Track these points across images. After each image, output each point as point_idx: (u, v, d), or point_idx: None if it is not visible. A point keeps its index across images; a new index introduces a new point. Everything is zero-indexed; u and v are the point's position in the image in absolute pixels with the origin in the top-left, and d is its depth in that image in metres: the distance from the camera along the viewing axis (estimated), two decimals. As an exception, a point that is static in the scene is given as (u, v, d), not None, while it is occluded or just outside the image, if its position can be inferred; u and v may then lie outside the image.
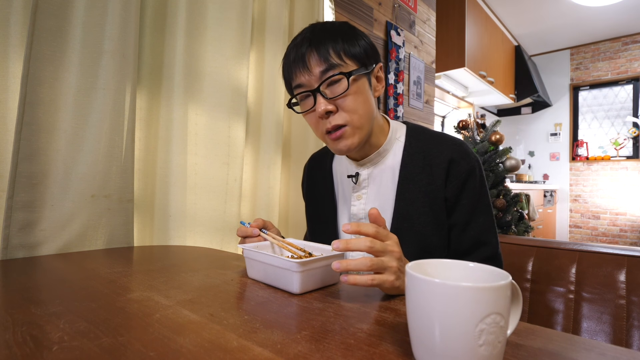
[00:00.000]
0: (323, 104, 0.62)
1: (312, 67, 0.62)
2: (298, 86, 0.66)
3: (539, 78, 4.63)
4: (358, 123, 0.65)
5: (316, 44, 0.62)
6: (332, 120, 0.64)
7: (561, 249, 0.86)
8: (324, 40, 0.63)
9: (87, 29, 0.83)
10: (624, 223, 4.24)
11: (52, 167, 0.79)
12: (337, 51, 0.62)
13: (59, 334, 0.35)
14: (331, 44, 0.62)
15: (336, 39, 0.63)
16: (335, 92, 0.63)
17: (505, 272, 0.30)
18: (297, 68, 0.64)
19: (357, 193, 0.75)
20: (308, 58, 0.62)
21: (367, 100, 0.66)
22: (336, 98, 0.62)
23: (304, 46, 0.63)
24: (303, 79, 0.64)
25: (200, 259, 0.72)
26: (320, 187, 0.83)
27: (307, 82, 0.64)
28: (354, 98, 0.63)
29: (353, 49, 0.63)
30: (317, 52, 0.62)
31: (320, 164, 0.85)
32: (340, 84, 0.63)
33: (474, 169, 0.67)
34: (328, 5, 1.58)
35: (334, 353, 0.31)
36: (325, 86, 0.63)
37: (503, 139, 2.26)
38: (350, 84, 0.62)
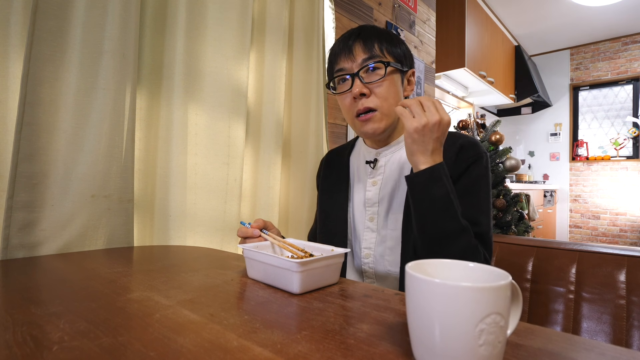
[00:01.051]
0: (359, 86, 0.71)
1: (356, 55, 0.72)
2: (339, 70, 0.74)
3: (539, 78, 4.63)
4: (387, 110, 0.73)
5: (364, 37, 0.72)
6: (365, 102, 0.72)
7: (561, 249, 0.86)
8: (371, 36, 0.73)
9: (87, 29, 0.83)
10: (624, 223, 4.24)
11: (52, 167, 0.79)
12: (380, 46, 0.72)
13: (59, 334, 0.35)
14: (377, 40, 0.72)
15: (381, 38, 0.73)
16: (371, 78, 0.72)
17: (505, 272, 0.30)
18: (342, 54, 0.73)
19: (372, 179, 0.80)
20: (354, 47, 0.72)
21: (397, 93, 0.74)
22: (372, 83, 0.71)
23: (352, 38, 0.73)
24: (346, 64, 0.73)
25: (200, 259, 0.72)
26: (335, 177, 0.89)
27: (348, 67, 0.73)
28: (387, 87, 0.72)
29: (395, 49, 0.74)
30: (364, 44, 0.72)
31: (338, 157, 0.92)
32: (378, 72, 0.72)
33: (481, 157, 0.71)
34: (328, 5, 1.58)
35: (334, 353, 0.31)
36: (364, 72, 0.72)
37: (503, 139, 2.25)
38: (387, 73, 0.71)
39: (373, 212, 0.78)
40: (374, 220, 0.78)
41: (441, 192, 0.60)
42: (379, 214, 0.77)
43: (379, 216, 0.77)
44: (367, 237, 0.78)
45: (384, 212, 0.77)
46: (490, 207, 0.71)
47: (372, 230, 0.78)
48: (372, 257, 0.77)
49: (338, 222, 0.83)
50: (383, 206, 0.77)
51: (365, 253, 0.78)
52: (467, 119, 2.51)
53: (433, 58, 2.55)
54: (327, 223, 0.86)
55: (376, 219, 0.77)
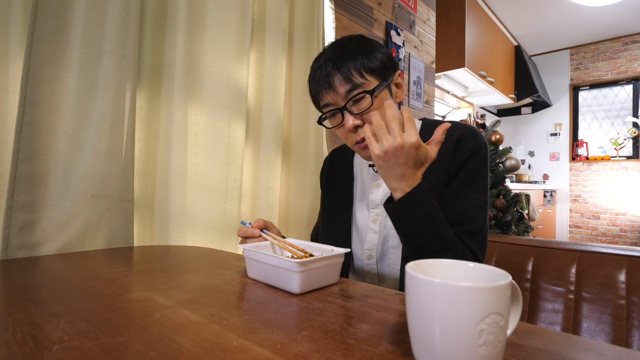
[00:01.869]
0: (351, 119, 0.69)
1: (337, 87, 0.68)
2: (326, 105, 0.72)
3: (539, 78, 4.63)
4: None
5: (338, 64, 0.68)
6: (361, 132, 0.69)
7: (561, 249, 0.86)
8: (344, 59, 0.68)
9: (87, 29, 0.83)
10: (624, 223, 4.24)
11: (52, 167, 0.79)
12: (357, 69, 0.68)
13: (59, 334, 0.35)
14: (352, 63, 0.68)
15: (355, 56, 0.68)
16: (360, 108, 0.69)
17: (505, 272, 0.30)
18: (323, 89, 0.70)
19: (376, 181, 0.80)
20: (332, 79, 0.68)
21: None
22: (362, 114, 0.69)
23: (327, 67, 0.69)
24: (330, 98, 0.70)
25: (200, 259, 0.72)
26: (340, 178, 0.88)
27: (333, 101, 0.70)
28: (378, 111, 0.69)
29: (372, 64, 0.69)
30: (340, 73, 0.68)
31: (342, 157, 0.91)
32: (365, 100, 0.68)
33: (479, 149, 0.70)
34: (328, 5, 1.58)
35: (334, 353, 0.31)
36: (351, 104, 0.69)
37: (503, 139, 2.25)
38: (374, 99, 0.68)
39: (377, 214, 0.78)
40: (377, 221, 0.78)
41: (420, 217, 0.59)
42: (382, 215, 0.78)
43: (382, 217, 0.78)
44: (370, 238, 0.78)
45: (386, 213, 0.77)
46: (487, 200, 0.70)
47: (375, 232, 0.78)
48: (374, 258, 0.78)
49: (341, 222, 0.83)
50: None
51: (368, 254, 0.78)
52: (467, 119, 2.50)
53: (433, 58, 2.55)
54: (330, 224, 0.86)
55: (379, 220, 0.78)
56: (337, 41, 0.73)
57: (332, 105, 0.70)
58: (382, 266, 0.77)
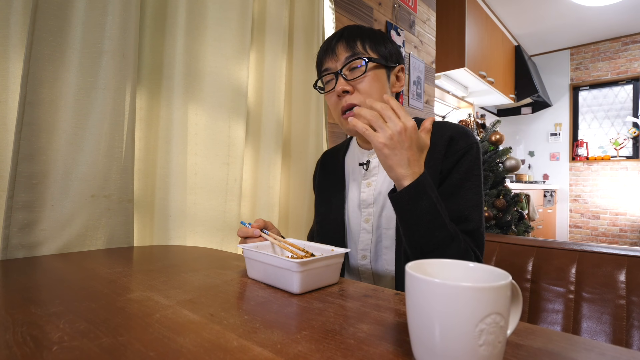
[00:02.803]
0: (341, 83, 0.71)
1: (339, 54, 0.72)
2: (325, 70, 0.75)
3: (539, 78, 4.63)
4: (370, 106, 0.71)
5: (346, 36, 0.73)
6: (348, 99, 0.72)
7: (561, 249, 0.86)
8: (353, 35, 0.73)
9: (87, 29, 0.83)
10: (624, 223, 4.24)
11: (52, 167, 0.79)
12: (363, 44, 0.72)
13: (59, 334, 0.35)
14: (359, 38, 0.73)
15: (364, 36, 0.73)
16: (354, 75, 0.71)
17: (505, 272, 0.30)
18: (327, 55, 0.74)
19: (367, 180, 0.80)
20: (337, 47, 0.73)
21: (381, 89, 0.73)
22: (354, 80, 0.71)
23: (335, 38, 0.74)
24: (330, 64, 0.74)
25: (200, 259, 0.72)
26: (331, 178, 0.88)
27: (332, 67, 0.74)
28: (369, 82, 0.71)
29: (379, 46, 0.73)
30: (346, 43, 0.72)
31: (333, 158, 0.91)
32: (360, 69, 0.71)
33: (472, 148, 0.70)
34: (328, 5, 1.58)
35: (334, 353, 0.31)
36: (347, 69, 0.72)
37: (503, 139, 2.25)
38: (368, 69, 0.71)
39: (369, 214, 0.78)
40: (369, 221, 0.77)
41: (427, 205, 0.57)
42: (374, 215, 0.77)
43: (374, 217, 0.77)
44: (363, 238, 0.78)
45: (379, 212, 0.76)
46: (482, 199, 0.70)
47: (368, 232, 0.77)
48: (368, 258, 0.77)
49: (334, 224, 0.82)
50: (378, 206, 0.76)
51: (362, 255, 0.78)
52: (467, 119, 2.50)
53: (433, 58, 2.55)
54: (324, 225, 0.85)
55: (372, 220, 0.77)
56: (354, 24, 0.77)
57: (330, 70, 0.74)
58: (377, 266, 0.76)
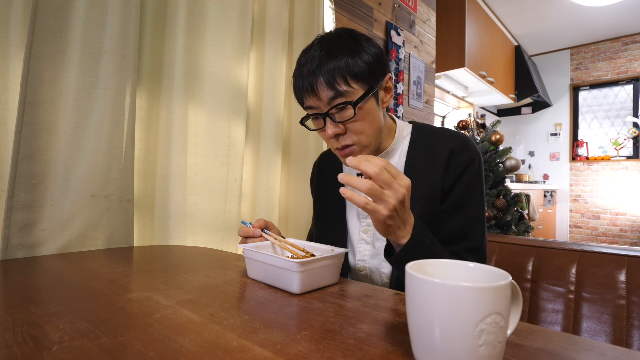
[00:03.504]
0: (331, 127, 0.66)
1: (320, 93, 0.64)
2: (309, 107, 0.68)
3: (539, 78, 4.63)
4: (366, 142, 0.68)
5: (323, 71, 0.63)
6: (342, 140, 0.67)
7: (561, 249, 0.86)
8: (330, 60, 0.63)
9: (87, 29, 0.83)
10: (624, 223, 4.24)
11: (52, 167, 0.79)
12: (343, 76, 0.63)
13: (59, 334, 0.35)
14: (337, 69, 0.63)
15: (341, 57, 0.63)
16: (343, 117, 0.65)
17: (505, 272, 0.30)
18: (306, 93, 0.66)
19: None
20: (316, 85, 0.64)
21: (374, 120, 0.68)
22: (344, 122, 0.66)
23: (311, 74, 0.64)
24: (313, 102, 0.66)
25: (200, 259, 0.72)
26: (330, 183, 0.85)
27: (316, 105, 0.66)
28: (360, 122, 0.66)
29: (358, 68, 0.64)
30: (324, 79, 0.63)
31: (330, 161, 0.88)
32: (347, 110, 0.65)
33: (473, 161, 0.68)
34: (328, 5, 1.58)
35: (334, 353, 0.31)
36: (334, 111, 0.65)
37: (503, 139, 2.25)
38: (356, 111, 0.64)
39: (368, 224, 0.76)
40: (368, 232, 0.76)
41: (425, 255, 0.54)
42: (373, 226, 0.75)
43: (373, 228, 0.75)
44: (361, 249, 0.76)
45: None
46: (484, 212, 0.69)
47: (367, 242, 0.76)
48: (367, 269, 0.75)
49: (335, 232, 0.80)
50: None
51: (360, 265, 0.76)
52: (467, 119, 2.50)
53: (433, 58, 2.55)
54: (324, 232, 0.83)
55: (371, 231, 0.75)
56: (325, 36, 0.68)
57: (315, 109, 0.67)
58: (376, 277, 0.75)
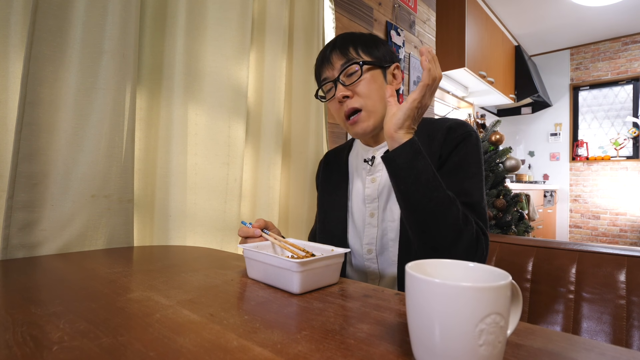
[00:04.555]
0: (341, 90, 0.74)
1: (334, 63, 0.75)
2: (324, 80, 0.78)
3: (539, 78, 4.63)
4: (372, 107, 0.74)
5: (339, 45, 0.76)
6: (349, 103, 0.74)
7: (561, 249, 0.86)
8: (346, 42, 0.76)
9: (87, 29, 0.83)
10: (624, 223, 4.24)
11: (52, 167, 0.79)
12: (356, 49, 0.75)
13: (59, 334, 0.35)
14: (352, 45, 0.75)
15: (356, 41, 0.76)
16: (351, 79, 0.74)
17: (505, 272, 0.30)
18: (323, 65, 0.77)
19: (371, 176, 0.81)
20: (332, 56, 0.76)
21: (380, 89, 0.75)
22: (352, 84, 0.73)
23: (329, 48, 0.77)
24: (327, 73, 0.77)
25: (200, 259, 0.72)
26: (335, 177, 0.90)
27: (330, 75, 0.77)
28: (367, 85, 0.73)
29: (370, 48, 0.76)
30: (339, 51, 0.75)
31: (336, 158, 0.93)
32: (356, 73, 0.73)
33: (470, 135, 0.72)
34: (328, 5, 1.58)
35: (334, 353, 0.31)
36: (344, 76, 0.74)
37: (503, 139, 2.25)
38: (364, 71, 0.73)
39: (373, 208, 0.79)
40: (374, 215, 0.79)
41: (424, 165, 0.59)
42: (379, 209, 0.78)
43: (379, 211, 0.78)
44: (368, 232, 0.79)
45: (383, 205, 0.78)
46: (482, 183, 0.70)
47: (373, 226, 0.78)
48: (374, 252, 0.78)
49: (337, 222, 0.84)
50: (382, 200, 0.78)
51: (368, 249, 0.79)
52: (467, 119, 2.50)
53: (433, 58, 2.55)
54: (327, 223, 0.86)
55: (376, 214, 0.78)
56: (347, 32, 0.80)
57: (329, 79, 0.77)
58: (382, 260, 0.77)
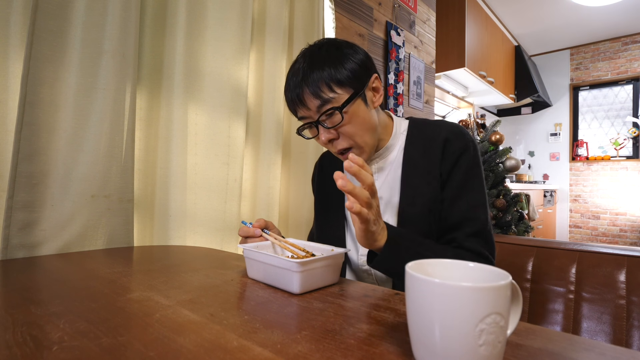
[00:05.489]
0: (324, 134, 0.69)
1: (308, 103, 0.67)
2: (302, 117, 0.72)
3: (539, 78, 4.63)
4: (361, 143, 0.70)
5: (308, 81, 0.66)
6: (337, 145, 0.70)
7: (561, 249, 0.86)
8: (313, 72, 0.66)
9: (87, 29, 0.83)
10: (624, 223, 4.24)
11: (52, 167, 0.79)
12: (327, 84, 0.66)
13: (59, 334, 0.35)
14: (321, 79, 0.65)
15: (323, 68, 0.66)
16: (333, 122, 0.68)
17: (505, 272, 0.30)
18: (296, 105, 0.70)
19: None
20: (303, 96, 0.67)
21: (364, 122, 0.70)
22: (335, 127, 0.68)
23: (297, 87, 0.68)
24: (304, 113, 0.70)
25: (200, 259, 0.72)
26: (330, 180, 0.87)
27: (307, 115, 0.70)
28: (351, 124, 0.68)
29: (340, 75, 0.66)
30: (310, 90, 0.66)
31: (331, 161, 0.90)
32: (336, 115, 0.67)
33: (468, 148, 0.70)
34: (328, 5, 1.58)
35: (334, 353, 0.31)
36: (324, 118, 0.68)
37: (503, 139, 2.25)
38: (344, 114, 0.67)
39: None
40: None
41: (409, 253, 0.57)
42: None
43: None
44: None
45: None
46: (485, 198, 0.70)
47: None
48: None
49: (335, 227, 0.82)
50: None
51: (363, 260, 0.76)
52: (467, 119, 2.51)
53: (433, 58, 2.55)
54: (325, 228, 0.85)
55: None
56: (308, 49, 0.71)
57: (307, 119, 0.70)
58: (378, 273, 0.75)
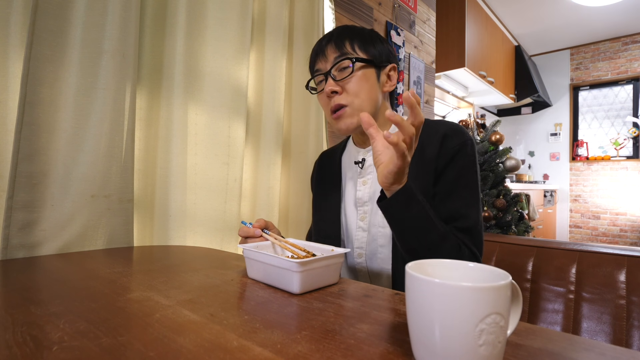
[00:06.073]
0: (330, 84, 0.72)
1: (328, 55, 0.73)
2: (316, 71, 0.77)
3: (539, 78, 4.63)
4: (358, 106, 0.72)
5: (336, 37, 0.74)
6: (336, 99, 0.72)
7: (561, 249, 0.86)
8: (343, 35, 0.74)
9: (87, 29, 0.83)
10: (624, 223, 4.24)
11: (52, 167, 0.79)
12: (352, 44, 0.72)
13: (59, 334, 0.35)
14: (348, 39, 0.73)
15: (354, 36, 0.73)
16: (343, 75, 0.72)
17: (505, 272, 0.30)
18: (317, 56, 0.76)
19: (362, 178, 0.80)
20: (327, 48, 0.74)
21: (371, 89, 0.73)
22: (342, 80, 0.71)
23: (325, 39, 0.75)
24: (320, 65, 0.75)
25: (200, 259, 0.72)
26: (328, 178, 0.89)
27: (322, 67, 0.75)
28: (357, 82, 0.72)
29: (368, 46, 0.73)
30: (335, 43, 0.73)
31: (330, 158, 0.92)
32: (348, 69, 0.72)
33: (466, 146, 0.70)
34: (328, 5, 1.58)
35: (334, 353, 0.31)
36: (336, 70, 0.72)
37: (503, 139, 2.25)
38: (356, 69, 0.71)
39: (364, 212, 0.78)
40: (365, 219, 0.77)
41: (417, 210, 0.57)
42: (370, 213, 0.77)
43: (369, 215, 0.77)
44: (359, 236, 0.78)
45: (374, 210, 0.76)
46: (479, 197, 0.69)
47: (364, 230, 0.77)
48: (364, 256, 0.77)
49: (331, 224, 0.83)
50: (373, 204, 0.76)
51: (358, 253, 0.78)
52: (467, 119, 2.51)
53: (433, 58, 2.55)
54: (321, 225, 0.86)
55: (367, 218, 0.77)
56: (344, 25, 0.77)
57: (321, 71, 0.75)
58: (373, 264, 0.76)
